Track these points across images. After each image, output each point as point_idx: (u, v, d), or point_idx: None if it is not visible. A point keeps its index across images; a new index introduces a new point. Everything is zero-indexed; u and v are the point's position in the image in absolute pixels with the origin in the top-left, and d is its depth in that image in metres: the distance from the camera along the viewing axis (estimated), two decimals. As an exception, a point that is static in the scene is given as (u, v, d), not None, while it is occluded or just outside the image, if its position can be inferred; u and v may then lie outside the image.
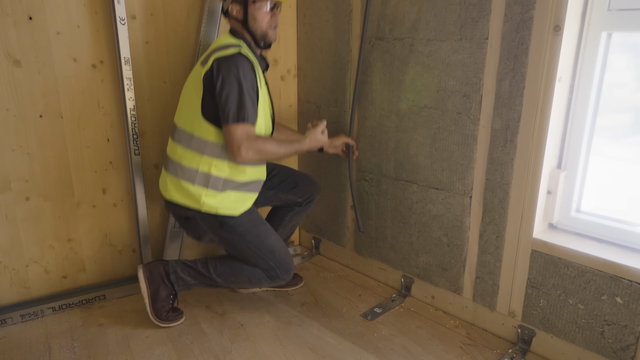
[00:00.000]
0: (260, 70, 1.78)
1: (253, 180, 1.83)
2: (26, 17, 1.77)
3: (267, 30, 1.76)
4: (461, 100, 1.75)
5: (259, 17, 1.74)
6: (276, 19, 1.78)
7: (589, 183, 1.62)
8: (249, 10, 1.73)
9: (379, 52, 1.99)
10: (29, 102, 1.85)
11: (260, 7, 1.73)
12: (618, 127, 1.54)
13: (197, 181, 1.75)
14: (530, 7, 1.50)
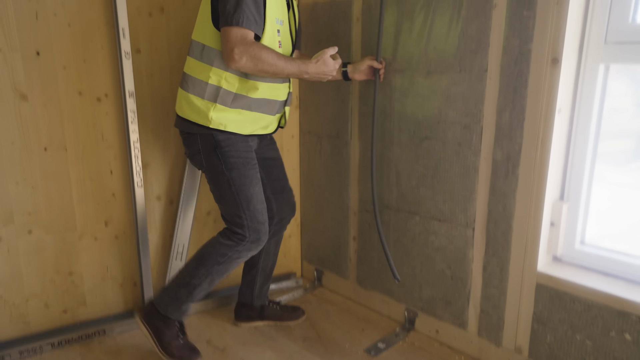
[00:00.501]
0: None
1: (267, 98, 1.74)
2: (34, 53, 1.81)
3: None
4: (462, 131, 1.75)
5: None
6: None
7: (592, 214, 1.60)
8: None
9: (380, 84, 2.01)
10: (34, 136, 1.87)
11: None
12: (619, 152, 1.53)
13: (206, 95, 1.68)
14: (528, 40, 1.51)
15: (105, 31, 1.92)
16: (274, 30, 1.65)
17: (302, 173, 2.52)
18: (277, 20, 1.66)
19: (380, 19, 1.91)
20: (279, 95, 1.78)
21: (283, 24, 1.71)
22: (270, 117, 1.80)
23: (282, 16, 1.70)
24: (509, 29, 1.55)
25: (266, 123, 1.80)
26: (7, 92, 1.79)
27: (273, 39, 1.66)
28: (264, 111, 1.76)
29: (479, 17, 1.63)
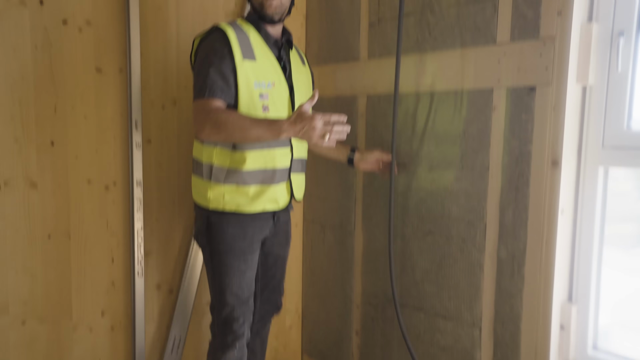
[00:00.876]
0: (258, 41, 1.63)
1: (261, 168, 1.63)
2: (49, 143, 1.88)
3: (262, 1, 1.60)
4: (465, 227, 1.75)
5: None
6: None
7: (603, 316, 1.55)
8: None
9: (381, 176, 2.04)
10: (40, 223, 1.88)
11: None
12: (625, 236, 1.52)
13: (204, 174, 1.65)
14: (528, 142, 1.55)
15: (119, 122, 2.00)
16: (253, 94, 1.57)
17: (304, 261, 2.49)
18: (256, 84, 1.58)
19: (395, 113, 1.98)
20: (278, 162, 1.66)
21: (273, 86, 1.62)
22: (274, 187, 1.67)
23: (269, 78, 1.62)
24: (508, 130, 1.60)
25: (273, 195, 1.68)
26: (18, 181, 1.83)
27: (252, 104, 1.58)
28: (263, 182, 1.65)
29: (479, 117, 1.69)
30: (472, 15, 1.68)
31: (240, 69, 1.55)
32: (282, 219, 1.82)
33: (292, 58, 1.73)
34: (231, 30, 1.58)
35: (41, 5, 1.80)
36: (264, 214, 1.71)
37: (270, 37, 1.66)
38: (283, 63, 1.68)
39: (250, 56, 1.58)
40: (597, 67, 1.46)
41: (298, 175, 1.79)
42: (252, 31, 1.64)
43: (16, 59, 1.78)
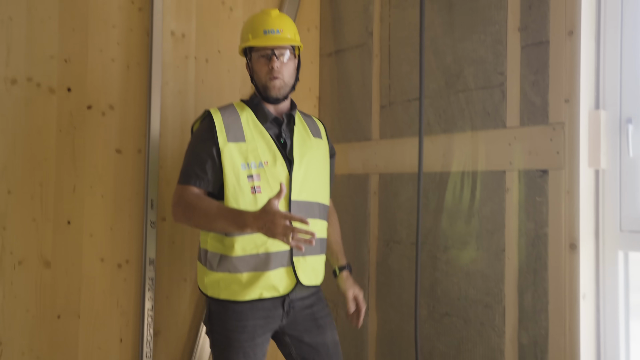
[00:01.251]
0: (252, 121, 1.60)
1: (252, 254, 1.52)
2: (65, 222, 1.90)
3: (265, 82, 1.59)
4: (483, 310, 1.71)
5: (257, 68, 1.60)
6: (274, 68, 1.56)
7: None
8: (252, 64, 1.62)
9: (397, 255, 2.03)
10: (50, 303, 1.86)
11: (258, 59, 1.60)
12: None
13: (202, 260, 1.61)
14: (544, 225, 1.55)
15: (135, 201, 2.03)
16: (239, 176, 1.53)
17: (316, 341, 2.41)
18: (243, 166, 1.54)
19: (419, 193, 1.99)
20: (271, 246, 1.53)
21: (266, 165, 1.55)
22: (271, 274, 1.54)
23: (261, 157, 1.56)
24: (523, 212, 1.60)
25: (270, 282, 1.54)
26: (32, 260, 1.83)
27: (239, 186, 1.53)
28: (256, 269, 1.53)
29: (492, 198, 1.70)
30: (481, 101, 1.73)
31: (225, 153, 1.53)
32: (298, 305, 1.63)
33: (297, 133, 1.66)
34: (218, 115, 1.58)
35: (69, 92, 1.89)
36: (267, 302, 1.57)
37: (269, 115, 1.62)
38: (283, 139, 1.63)
39: (239, 138, 1.56)
40: (608, 151, 1.48)
41: (309, 258, 1.61)
42: (247, 112, 1.62)
43: (41, 142, 1.85)
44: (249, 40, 1.60)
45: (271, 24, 1.59)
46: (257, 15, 1.67)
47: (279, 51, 1.58)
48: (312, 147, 1.68)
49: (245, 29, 1.65)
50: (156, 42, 2.00)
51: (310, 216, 1.59)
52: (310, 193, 1.63)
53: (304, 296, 1.65)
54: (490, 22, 1.71)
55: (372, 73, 2.16)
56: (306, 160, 1.63)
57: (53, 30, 1.86)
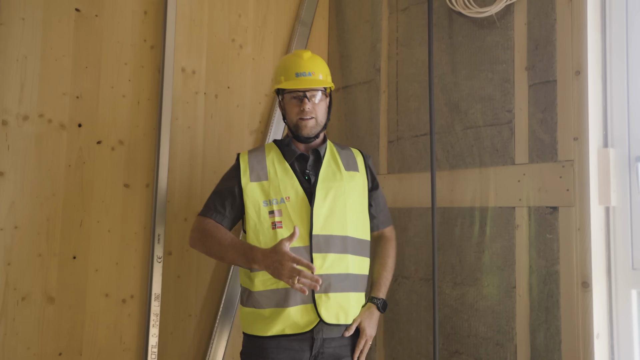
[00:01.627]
0: (277, 159, 1.66)
1: (272, 289, 1.53)
2: (71, 257, 1.88)
3: (296, 121, 1.64)
4: (494, 348, 1.68)
5: (288, 109, 1.67)
6: (305, 110, 1.61)
7: None
8: (284, 104, 1.69)
9: (405, 291, 2.01)
10: (52, 340, 1.83)
11: (290, 100, 1.65)
12: None
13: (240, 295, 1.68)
14: (555, 262, 1.54)
15: (142, 235, 2.02)
16: (261, 213, 1.58)
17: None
18: (265, 203, 1.58)
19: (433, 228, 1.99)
20: (275, 282, 1.53)
21: (288, 200, 1.57)
22: (291, 310, 1.52)
23: (283, 193, 1.58)
24: (533, 249, 1.60)
25: (292, 318, 1.51)
26: (36, 296, 1.81)
27: (259, 222, 1.57)
28: (277, 304, 1.53)
29: (502, 235, 1.69)
30: (489, 137, 1.75)
31: (246, 191, 1.61)
32: (328, 352, 1.56)
33: (324, 167, 1.66)
34: (245, 157, 1.69)
35: (79, 128, 1.91)
36: (293, 342, 1.53)
37: (295, 152, 1.65)
38: (307, 175, 1.64)
39: (261, 177, 1.63)
40: (618, 189, 1.49)
41: (334, 295, 1.54)
42: (274, 151, 1.70)
43: (50, 177, 1.85)
44: (281, 83, 1.65)
45: (303, 66, 1.64)
46: (289, 57, 1.73)
47: (310, 93, 1.62)
48: (343, 180, 1.65)
49: (278, 71, 1.69)
50: (167, 79, 2.03)
51: (338, 251, 1.57)
52: (338, 227, 1.59)
53: (337, 343, 1.57)
54: (498, 61, 1.74)
55: (379, 109, 2.19)
56: (333, 194, 1.61)
57: (66, 68, 1.89)
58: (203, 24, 2.19)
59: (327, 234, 1.57)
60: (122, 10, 2.02)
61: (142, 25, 2.06)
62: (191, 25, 2.16)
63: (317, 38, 2.50)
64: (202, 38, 2.19)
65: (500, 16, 1.74)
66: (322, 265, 1.54)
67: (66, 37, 1.90)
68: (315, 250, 1.54)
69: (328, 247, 1.56)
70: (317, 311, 1.52)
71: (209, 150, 2.18)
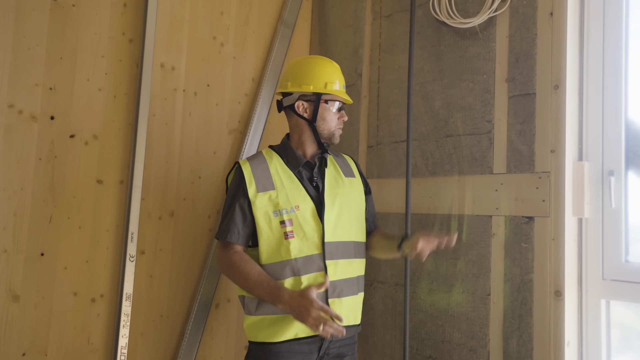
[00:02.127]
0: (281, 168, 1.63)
1: None
2: (39, 254, 1.81)
3: (334, 131, 1.67)
4: (468, 354, 1.71)
5: (329, 117, 1.66)
6: (345, 120, 1.70)
7: None
8: (320, 109, 1.64)
9: (381, 296, 2.01)
10: (16, 340, 1.75)
11: (331, 107, 1.66)
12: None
13: (242, 305, 1.63)
14: (529, 271, 1.57)
15: (114, 233, 1.96)
16: (272, 224, 1.56)
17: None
18: (275, 213, 1.56)
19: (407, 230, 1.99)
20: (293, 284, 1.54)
21: (298, 209, 1.57)
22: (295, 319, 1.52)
23: (293, 202, 1.57)
24: (508, 257, 1.63)
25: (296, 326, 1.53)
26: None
27: (272, 233, 1.56)
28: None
29: (478, 243, 1.72)
30: (468, 146, 1.78)
31: (255, 204, 1.57)
32: (333, 352, 1.59)
33: (328, 174, 1.67)
34: (247, 166, 1.62)
35: (52, 120, 1.84)
36: (303, 345, 1.54)
37: (301, 160, 1.65)
38: (315, 182, 1.64)
39: (268, 187, 1.59)
40: (591, 201, 1.54)
41: (345, 299, 1.58)
42: (275, 158, 1.66)
43: (18, 171, 1.77)
44: (337, 92, 1.65)
45: (343, 79, 1.71)
46: (329, 64, 1.70)
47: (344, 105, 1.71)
48: (345, 186, 1.69)
49: (320, 74, 1.65)
50: (146, 74, 1.98)
51: (347, 256, 1.61)
52: (345, 233, 1.63)
53: (340, 343, 1.59)
54: (479, 71, 1.77)
55: (360, 113, 2.19)
56: (339, 201, 1.64)
57: (40, 58, 1.82)
58: (184, 20, 2.15)
59: (337, 240, 1.60)
60: (101, 2, 1.96)
61: (121, 18, 2.00)
62: (172, 20, 2.12)
63: (299, 40, 2.49)
64: (182, 34, 2.15)
65: (482, 28, 1.77)
66: (334, 272, 1.57)
67: (40, 26, 1.83)
68: (328, 257, 1.56)
69: (338, 253, 1.59)
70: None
71: (186, 148, 2.14)
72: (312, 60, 1.71)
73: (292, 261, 1.53)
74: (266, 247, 1.56)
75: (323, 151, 1.70)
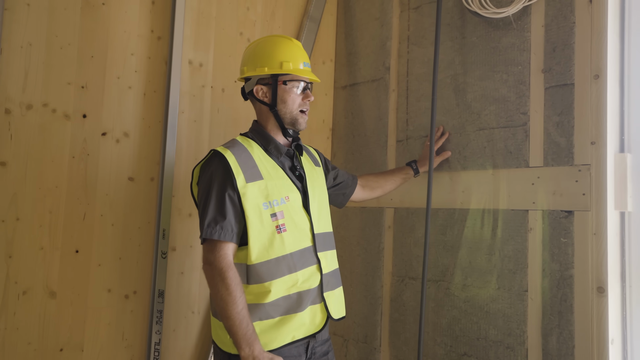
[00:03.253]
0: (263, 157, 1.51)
1: (285, 295, 1.43)
2: (73, 251, 1.84)
3: (296, 115, 1.52)
4: (505, 352, 1.67)
5: (289, 99, 1.51)
6: (310, 100, 1.54)
7: None
8: (278, 92, 1.51)
9: (412, 292, 1.99)
10: (53, 335, 1.79)
11: (291, 89, 1.51)
12: None
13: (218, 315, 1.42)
14: (569, 266, 1.53)
15: (146, 231, 1.98)
16: (263, 217, 1.43)
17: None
18: (265, 205, 1.43)
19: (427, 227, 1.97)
20: (304, 284, 1.46)
21: (288, 200, 1.47)
22: (300, 315, 1.45)
23: (282, 194, 1.47)
24: (547, 253, 1.59)
25: (299, 322, 1.45)
26: (37, 290, 1.76)
27: (263, 228, 1.43)
28: (288, 311, 1.44)
29: (514, 238, 1.68)
30: (503, 139, 1.74)
31: (246, 195, 1.42)
32: (319, 351, 1.53)
33: (305, 164, 1.59)
34: (230, 154, 1.44)
35: (84, 119, 1.86)
36: (293, 350, 1.45)
37: (282, 149, 1.54)
38: (298, 172, 1.55)
39: (256, 177, 1.45)
40: (634, 194, 1.48)
41: (335, 292, 1.55)
42: (255, 147, 1.52)
43: (53, 169, 1.80)
44: (291, 69, 1.50)
45: (305, 57, 1.57)
46: (284, 41, 1.55)
47: (311, 85, 1.57)
48: (318, 177, 1.63)
49: (274, 54, 1.51)
50: (174, 71, 1.99)
51: (331, 247, 1.58)
52: (326, 223, 1.60)
53: (324, 340, 1.55)
54: (513, 62, 1.73)
55: (388, 107, 2.16)
56: (318, 191, 1.58)
57: (72, 57, 1.84)
58: (211, 17, 2.15)
59: (323, 231, 1.56)
60: (130, 0, 1.97)
61: (150, 16, 2.01)
62: (199, 17, 2.12)
63: (325, 34, 2.47)
64: (209, 30, 2.15)
65: (517, 17, 1.73)
66: (326, 264, 1.52)
67: (72, 25, 1.85)
68: (319, 249, 1.51)
69: (325, 244, 1.55)
70: (327, 309, 1.50)
71: (215, 145, 2.12)
72: (267, 40, 1.57)
73: (287, 256, 1.43)
74: (257, 243, 1.41)
75: (294, 139, 1.58)
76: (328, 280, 1.52)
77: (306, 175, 1.56)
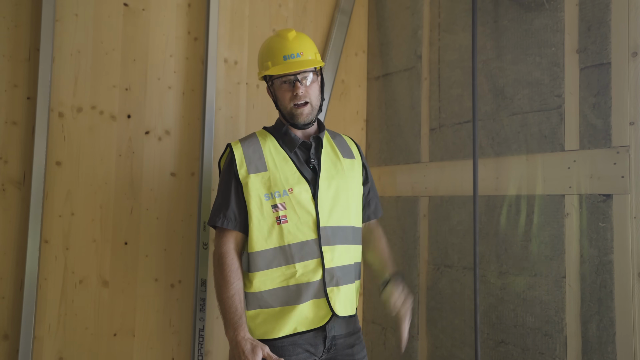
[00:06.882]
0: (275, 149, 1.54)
1: (281, 286, 1.46)
2: (123, 243, 1.97)
3: (291, 110, 1.52)
4: (543, 339, 1.64)
5: (281, 96, 1.53)
6: (299, 94, 1.49)
7: None
8: (274, 91, 1.55)
9: (448, 280, 1.99)
10: (107, 321, 1.92)
11: (280, 85, 1.53)
12: None
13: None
14: (608, 252, 1.49)
15: (188, 223, 2.08)
16: (264, 208, 1.47)
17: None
18: (267, 197, 1.47)
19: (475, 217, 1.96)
20: (302, 277, 1.46)
21: (291, 192, 1.48)
22: (300, 307, 1.46)
23: (286, 185, 1.49)
24: (585, 238, 1.55)
25: (304, 315, 1.47)
26: (92, 279, 1.90)
27: (263, 218, 1.47)
28: (287, 302, 1.47)
29: (551, 223, 1.65)
30: (537, 123, 1.70)
31: (248, 185, 1.48)
32: (340, 344, 1.52)
33: (325, 156, 1.57)
34: (238, 147, 1.54)
35: (128, 119, 1.98)
36: (309, 337, 1.48)
37: (297, 141, 1.55)
38: (312, 164, 1.54)
39: (260, 168, 1.50)
40: (677, 176, 1.42)
41: (343, 288, 1.50)
42: (269, 139, 1.57)
43: (102, 167, 1.93)
44: (269, 69, 1.52)
45: (290, 48, 1.52)
46: (273, 39, 1.57)
47: (301, 76, 1.50)
48: (343, 169, 1.59)
49: (263, 55, 1.56)
50: (210, 70, 2.07)
51: (344, 242, 1.52)
52: (342, 217, 1.53)
53: (345, 334, 1.54)
54: (546, 44, 1.68)
55: (421, 96, 2.16)
56: (335, 183, 1.54)
57: (116, 62, 1.96)
58: (244, 15, 2.22)
59: (334, 225, 1.51)
60: (167, 4, 2.07)
61: (186, 18, 2.11)
62: (233, 16, 2.19)
63: (356, 26, 2.48)
64: (243, 29, 2.22)
65: (549, -3, 1.68)
66: (331, 258, 1.49)
67: (115, 32, 1.97)
68: (324, 243, 1.47)
69: (335, 239, 1.50)
70: (330, 305, 1.47)
71: (252, 140, 2.21)
72: (264, 42, 1.60)
73: (285, 247, 1.45)
74: (257, 233, 1.46)
75: (319, 129, 1.60)
76: (332, 275, 1.49)
77: (322, 167, 1.54)
